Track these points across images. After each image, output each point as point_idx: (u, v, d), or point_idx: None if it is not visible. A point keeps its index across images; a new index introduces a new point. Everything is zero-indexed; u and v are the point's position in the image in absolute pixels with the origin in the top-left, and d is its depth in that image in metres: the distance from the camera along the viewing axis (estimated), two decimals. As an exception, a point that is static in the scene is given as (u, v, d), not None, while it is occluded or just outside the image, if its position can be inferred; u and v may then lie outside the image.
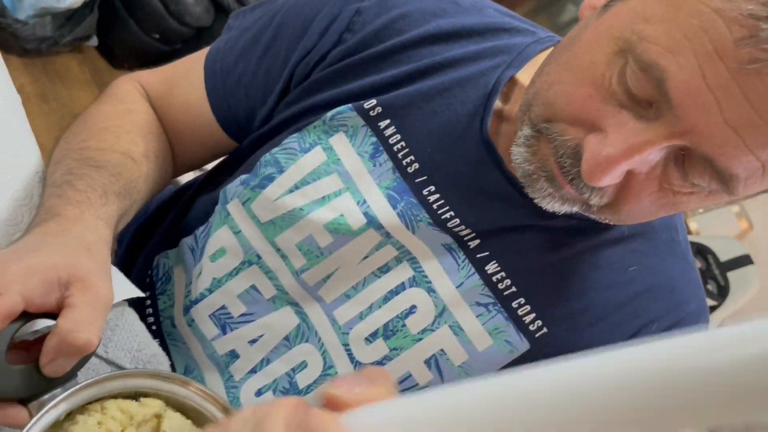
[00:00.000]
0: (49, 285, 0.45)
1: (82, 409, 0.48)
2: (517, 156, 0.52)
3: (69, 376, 0.47)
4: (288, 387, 0.64)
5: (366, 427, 0.30)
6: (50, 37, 1.49)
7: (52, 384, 0.46)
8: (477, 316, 0.60)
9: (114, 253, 0.56)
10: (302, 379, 0.64)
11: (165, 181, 0.69)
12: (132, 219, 0.79)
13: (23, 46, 1.45)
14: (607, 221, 0.54)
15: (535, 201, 0.54)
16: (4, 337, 0.44)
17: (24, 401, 0.46)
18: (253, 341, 0.64)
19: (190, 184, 0.79)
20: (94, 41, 1.60)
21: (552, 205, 0.53)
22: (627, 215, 0.52)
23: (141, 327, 0.61)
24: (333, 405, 0.30)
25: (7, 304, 0.43)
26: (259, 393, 0.64)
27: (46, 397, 0.46)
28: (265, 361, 0.65)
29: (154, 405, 0.51)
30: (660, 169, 0.47)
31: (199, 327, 0.66)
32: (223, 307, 0.65)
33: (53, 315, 0.46)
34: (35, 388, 0.46)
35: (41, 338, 0.46)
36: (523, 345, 0.59)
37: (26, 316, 0.46)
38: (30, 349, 0.47)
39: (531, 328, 0.59)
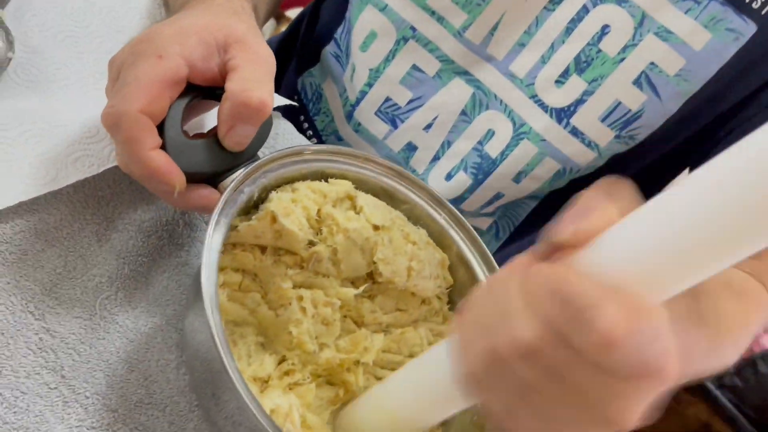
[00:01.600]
0: (206, 46, 0.40)
1: (274, 188, 0.45)
2: None
3: (250, 154, 0.43)
4: (479, 161, 0.57)
5: (609, 266, 0.25)
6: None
7: (235, 162, 0.42)
8: (686, 12, 0.49)
9: None
10: (493, 148, 0.56)
11: None
12: None
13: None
14: None
15: None
16: (177, 110, 0.40)
17: (211, 182, 0.42)
18: (428, 127, 0.58)
19: (303, 13, 0.73)
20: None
21: None
22: None
23: (301, 137, 0.57)
24: (565, 249, 0.26)
25: (170, 67, 0.38)
26: (449, 177, 0.58)
27: (232, 176, 0.42)
28: (446, 144, 0.58)
29: (344, 184, 0.47)
30: None
31: (367, 129, 0.60)
32: (387, 99, 0.59)
33: (218, 95, 0.42)
34: (219, 165, 0.42)
35: (214, 129, 0.42)
36: (749, 28, 0.49)
37: (193, 90, 0.42)
38: (205, 137, 0.44)
39: (755, 5, 0.49)
